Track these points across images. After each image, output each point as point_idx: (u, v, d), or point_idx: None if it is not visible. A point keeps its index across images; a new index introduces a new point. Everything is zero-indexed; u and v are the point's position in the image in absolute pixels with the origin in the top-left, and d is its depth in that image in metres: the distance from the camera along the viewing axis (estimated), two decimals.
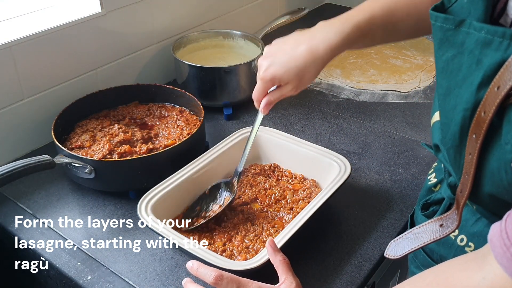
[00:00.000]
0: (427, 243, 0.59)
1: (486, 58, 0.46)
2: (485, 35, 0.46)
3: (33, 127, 1.01)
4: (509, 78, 0.42)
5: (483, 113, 0.46)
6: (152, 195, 0.79)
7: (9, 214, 0.85)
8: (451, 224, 0.57)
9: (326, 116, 1.15)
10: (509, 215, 0.42)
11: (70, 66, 1.05)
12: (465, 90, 0.48)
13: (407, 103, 1.22)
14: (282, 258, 0.66)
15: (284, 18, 1.35)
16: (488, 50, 0.45)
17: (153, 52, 1.22)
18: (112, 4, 1.07)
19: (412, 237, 0.61)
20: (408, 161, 0.99)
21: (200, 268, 0.65)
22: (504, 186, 0.46)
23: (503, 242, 0.41)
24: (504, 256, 0.41)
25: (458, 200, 0.55)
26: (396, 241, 0.63)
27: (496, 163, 0.47)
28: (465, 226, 0.61)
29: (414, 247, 0.60)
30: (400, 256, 0.61)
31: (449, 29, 0.50)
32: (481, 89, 0.46)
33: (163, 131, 0.99)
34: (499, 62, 0.44)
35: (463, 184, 0.53)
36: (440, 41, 0.52)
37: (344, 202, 0.88)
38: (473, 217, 0.60)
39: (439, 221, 0.58)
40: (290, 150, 0.92)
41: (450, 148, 0.54)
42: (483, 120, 0.46)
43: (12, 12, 1.03)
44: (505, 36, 0.44)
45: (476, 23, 0.47)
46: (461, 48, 0.49)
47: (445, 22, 0.50)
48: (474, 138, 0.48)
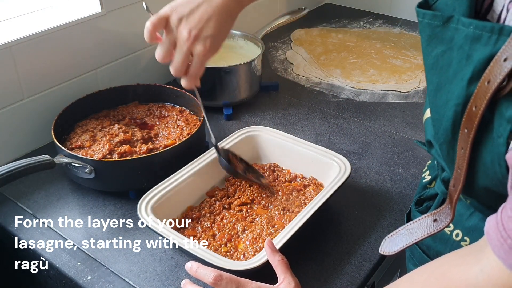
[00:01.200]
0: (421, 238, 0.59)
1: (475, 53, 0.46)
2: (474, 31, 0.46)
3: (33, 127, 1.01)
4: (499, 72, 0.43)
5: (474, 107, 0.46)
6: (152, 195, 0.79)
7: (9, 214, 0.86)
8: (445, 219, 0.57)
9: (326, 116, 1.15)
10: (504, 207, 0.42)
11: (70, 66, 1.05)
12: (456, 86, 0.49)
13: (407, 103, 1.22)
14: (280, 258, 0.66)
15: (284, 18, 1.35)
16: (477, 45, 0.46)
17: (153, 52, 1.20)
18: (112, 4, 1.07)
19: (406, 233, 0.61)
20: (408, 161, 0.99)
21: (199, 269, 0.65)
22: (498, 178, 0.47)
23: (499, 234, 0.41)
24: (502, 248, 0.41)
25: (451, 195, 0.56)
26: (391, 237, 0.63)
27: (489, 157, 0.47)
28: (460, 221, 0.61)
29: (409, 243, 0.60)
30: (394, 252, 0.61)
31: (437, 26, 0.50)
32: (471, 84, 0.47)
33: (163, 131, 0.99)
34: (488, 56, 0.45)
35: (455, 179, 0.53)
36: (428, 37, 0.52)
37: (344, 202, 0.88)
38: (467, 211, 0.61)
39: (432, 216, 0.59)
40: (290, 150, 0.92)
41: (442, 144, 0.54)
42: (475, 114, 0.46)
43: (12, 12, 1.03)
44: (494, 31, 0.44)
45: (464, 19, 0.47)
46: (450, 44, 0.49)
47: (433, 19, 0.51)
48: (466, 133, 0.48)
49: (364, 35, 1.58)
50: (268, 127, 0.97)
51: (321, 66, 1.39)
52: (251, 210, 0.83)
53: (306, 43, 1.53)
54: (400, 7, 1.71)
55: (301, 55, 1.45)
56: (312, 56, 1.44)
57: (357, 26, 1.66)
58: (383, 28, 1.64)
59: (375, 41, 1.53)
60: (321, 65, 1.39)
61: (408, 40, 1.55)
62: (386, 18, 1.71)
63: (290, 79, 1.33)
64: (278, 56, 1.46)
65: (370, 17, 1.72)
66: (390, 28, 1.64)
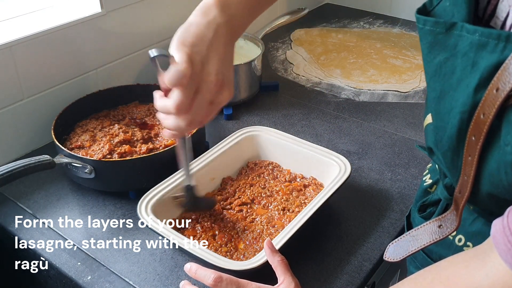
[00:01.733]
0: (427, 245, 0.59)
1: (482, 61, 0.45)
2: (480, 38, 0.45)
3: (33, 127, 1.01)
4: (508, 80, 0.42)
5: (482, 115, 0.46)
6: (152, 195, 0.79)
7: (9, 214, 0.86)
8: (450, 225, 0.57)
9: (326, 116, 1.15)
10: (510, 211, 0.42)
11: (70, 66, 1.05)
12: (461, 93, 0.48)
13: (407, 103, 1.22)
14: (280, 259, 0.66)
15: (284, 18, 1.35)
16: (483, 53, 0.45)
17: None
18: (112, 4, 1.07)
19: (410, 239, 0.61)
20: (408, 161, 0.99)
21: (199, 270, 0.65)
22: (504, 186, 0.46)
23: (506, 239, 0.41)
24: (509, 253, 0.41)
25: (456, 201, 0.55)
26: (395, 243, 0.63)
27: (495, 164, 0.47)
28: (463, 226, 0.61)
29: (414, 250, 0.60)
30: (400, 259, 0.61)
31: (440, 33, 0.50)
32: (478, 92, 0.46)
33: (163, 131, 0.99)
34: (495, 64, 0.44)
35: (462, 185, 0.53)
36: (430, 44, 0.52)
37: (344, 202, 0.88)
38: (470, 217, 0.61)
39: (437, 222, 0.58)
40: (290, 150, 0.92)
41: (447, 151, 0.54)
42: (483, 122, 0.46)
43: (12, 12, 1.03)
44: (501, 38, 0.44)
45: (469, 26, 0.47)
46: (453, 51, 0.49)
47: (435, 26, 0.50)
48: (474, 140, 0.48)
49: (364, 35, 1.58)
50: (268, 127, 0.97)
51: (321, 66, 1.39)
52: (251, 210, 0.83)
53: (306, 43, 1.53)
54: (400, 7, 1.71)
55: (301, 55, 1.45)
56: (312, 56, 1.44)
57: (357, 26, 1.66)
58: (383, 28, 1.64)
59: (375, 41, 1.53)
60: (321, 65, 1.39)
61: (408, 40, 1.55)
62: (386, 18, 1.71)
63: (290, 79, 1.33)
64: (278, 56, 1.46)
65: (370, 17, 1.72)
66: (390, 28, 1.64)
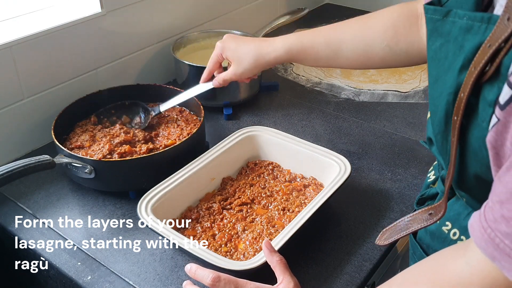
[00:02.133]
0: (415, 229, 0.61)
1: (467, 43, 0.47)
2: (467, 21, 0.48)
3: (33, 127, 1.01)
4: (483, 57, 0.44)
5: (462, 94, 0.47)
6: (152, 195, 0.79)
7: (9, 214, 0.86)
8: (439, 212, 0.58)
9: (326, 116, 1.15)
10: (487, 203, 0.43)
11: (70, 66, 1.05)
12: (450, 76, 0.50)
13: (407, 103, 1.22)
14: (278, 259, 0.66)
15: (284, 18, 1.35)
16: (469, 35, 0.47)
17: (153, 52, 1.22)
18: (112, 4, 1.07)
19: (402, 225, 0.63)
20: (408, 161, 0.99)
21: (198, 271, 0.65)
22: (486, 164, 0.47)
23: (481, 225, 0.42)
24: (482, 238, 0.42)
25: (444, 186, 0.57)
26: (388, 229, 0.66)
27: (476, 143, 0.48)
28: (457, 220, 0.62)
29: (403, 234, 0.62)
30: (388, 242, 0.64)
31: (437, 20, 0.52)
32: (462, 72, 0.48)
33: (163, 131, 0.99)
34: (477, 45, 0.46)
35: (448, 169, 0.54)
36: (430, 32, 0.54)
37: (344, 202, 0.88)
38: (465, 210, 0.61)
39: (428, 211, 0.60)
40: (290, 150, 0.92)
41: (437, 135, 0.56)
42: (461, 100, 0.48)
43: (12, 12, 1.03)
44: (483, 20, 0.46)
45: (459, 11, 0.49)
46: (448, 36, 0.51)
47: (434, 13, 0.52)
48: (455, 120, 0.49)
49: None
50: (268, 127, 0.97)
51: None
52: (251, 210, 0.83)
53: None
54: None
55: None
56: None
57: None
58: None
59: None
60: None
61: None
62: None
63: (290, 79, 1.33)
64: None
65: None
66: None
